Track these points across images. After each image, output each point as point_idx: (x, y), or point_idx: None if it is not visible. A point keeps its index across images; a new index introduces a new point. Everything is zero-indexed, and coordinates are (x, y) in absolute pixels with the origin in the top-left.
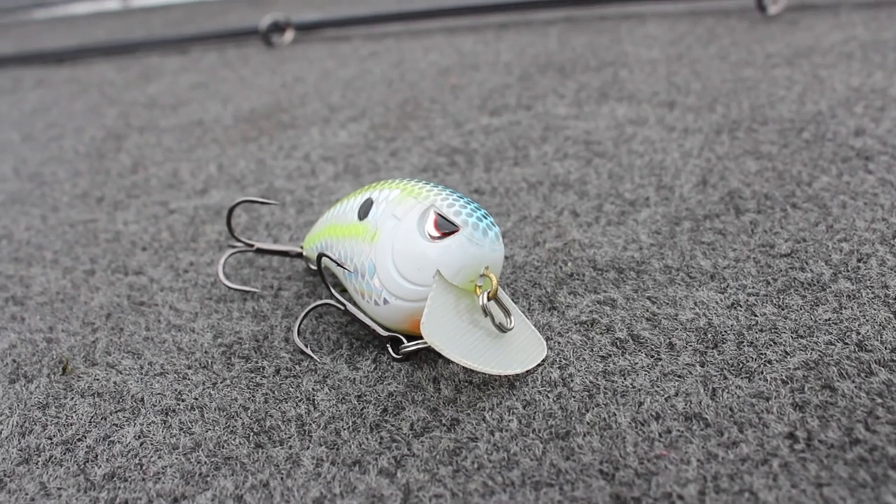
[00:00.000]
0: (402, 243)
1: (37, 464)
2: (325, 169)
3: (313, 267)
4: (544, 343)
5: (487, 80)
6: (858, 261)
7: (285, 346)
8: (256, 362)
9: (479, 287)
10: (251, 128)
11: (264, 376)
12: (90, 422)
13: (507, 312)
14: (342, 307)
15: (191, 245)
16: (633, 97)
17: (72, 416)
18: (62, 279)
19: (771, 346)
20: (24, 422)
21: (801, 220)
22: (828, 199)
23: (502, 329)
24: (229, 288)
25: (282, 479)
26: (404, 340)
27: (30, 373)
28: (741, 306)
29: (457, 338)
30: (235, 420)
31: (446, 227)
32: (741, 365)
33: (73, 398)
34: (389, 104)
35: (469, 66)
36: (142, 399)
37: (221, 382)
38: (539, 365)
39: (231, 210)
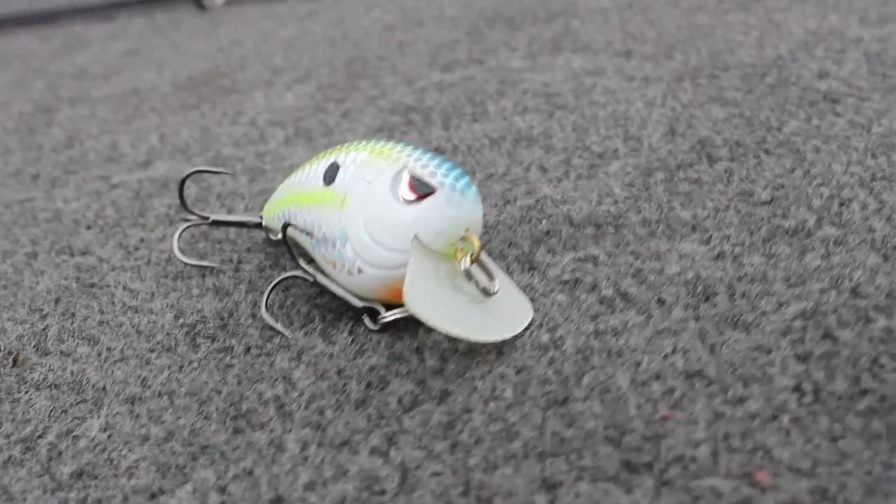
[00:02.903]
0: (375, 208)
1: None
2: (275, 134)
3: (274, 237)
4: (530, 305)
5: (434, 35)
6: (840, 205)
7: (253, 322)
8: (224, 342)
9: (461, 250)
10: (191, 95)
11: (234, 356)
12: (49, 416)
13: (490, 275)
14: (311, 278)
15: (139, 221)
16: (588, 48)
17: (28, 412)
18: (2, 264)
19: (764, 296)
20: None
21: (777, 167)
22: (800, 143)
23: (487, 293)
24: (186, 264)
25: (266, 465)
26: (382, 310)
27: None
28: (728, 257)
29: (440, 305)
30: (208, 405)
31: (422, 189)
32: (736, 318)
33: (27, 392)
34: (335, 64)
35: (413, 21)
36: (103, 388)
37: (188, 365)
38: (526, 328)
39: (183, 182)
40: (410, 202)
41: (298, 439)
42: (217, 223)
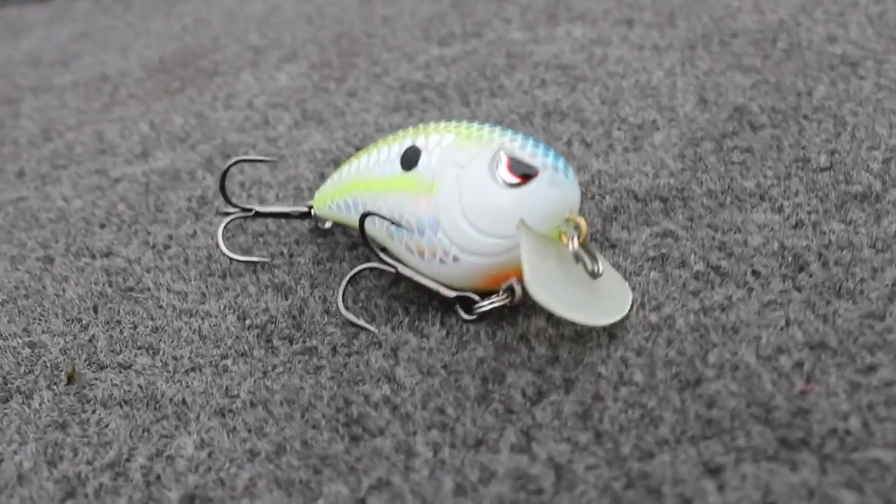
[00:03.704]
0: (474, 193)
1: (87, 497)
2: (280, 117)
3: (324, 226)
4: (627, 285)
5: (417, 8)
6: None
7: (329, 319)
8: (304, 342)
9: (564, 233)
10: (171, 78)
11: (321, 357)
12: (131, 436)
13: (593, 257)
14: (393, 269)
15: (158, 216)
16: (585, 16)
17: (105, 433)
18: (14, 271)
19: (857, 263)
20: (46, 448)
21: (821, 132)
22: (835, 108)
23: (594, 275)
24: (234, 260)
25: (402, 473)
26: (477, 299)
27: (23, 387)
28: (806, 225)
29: (559, 291)
30: (312, 412)
31: (523, 171)
32: (837, 286)
33: (95, 411)
34: (321, 41)
35: None
36: (183, 401)
37: (273, 371)
38: (630, 309)
39: (224, 173)
40: (513, 185)
41: (427, 442)
42: (261, 215)
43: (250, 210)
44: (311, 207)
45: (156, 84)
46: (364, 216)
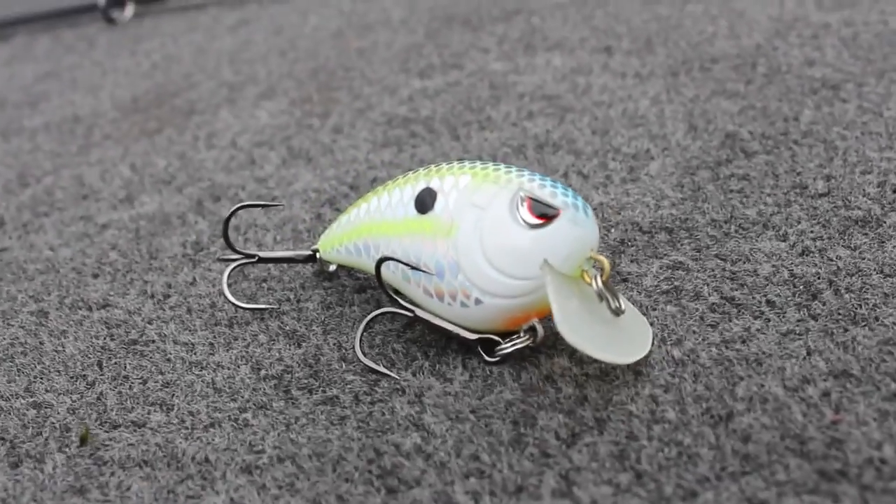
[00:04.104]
0: (495, 235)
1: None
2: (267, 156)
3: (329, 270)
4: (646, 321)
5: (393, 40)
6: (893, 191)
7: (347, 367)
8: (324, 392)
9: (585, 272)
10: (146, 118)
11: (344, 407)
12: (156, 499)
13: (614, 295)
14: (410, 314)
15: (153, 264)
16: (562, 45)
17: (128, 497)
18: (7, 326)
19: (868, 289)
20: None
21: (814, 157)
22: (823, 132)
23: (618, 313)
24: (240, 308)
25: None
26: (499, 341)
27: (33, 451)
28: (813, 252)
29: (587, 331)
30: (343, 465)
31: (544, 211)
32: (852, 313)
33: (114, 474)
34: (298, 76)
35: (361, 27)
36: (206, 459)
37: (296, 422)
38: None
39: (227, 220)
40: (535, 226)
41: (466, 491)
42: (265, 260)
43: (254, 256)
44: (315, 251)
45: (132, 124)
46: (381, 260)
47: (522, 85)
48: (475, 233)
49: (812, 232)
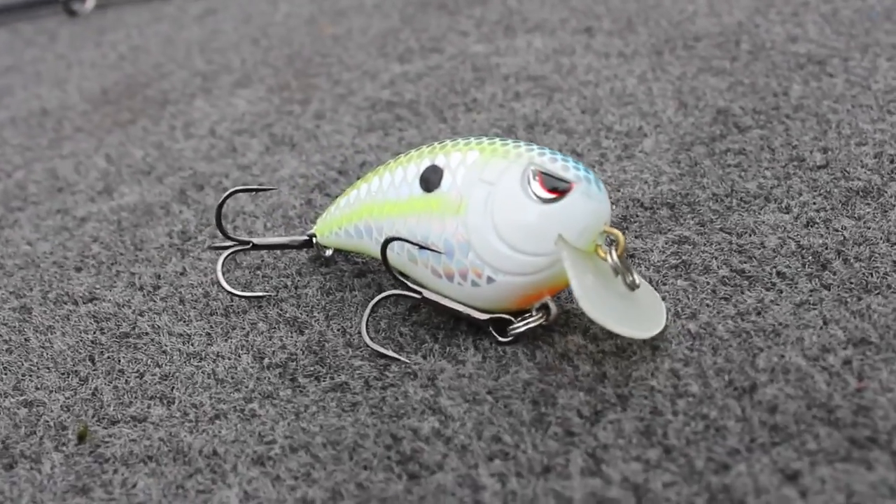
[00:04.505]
0: (507, 211)
1: None
2: (249, 143)
3: (325, 255)
4: (659, 295)
5: (368, 25)
6: (891, 161)
7: (353, 352)
8: (332, 378)
9: (599, 246)
10: (118, 109)
11: (354, 393)
12: (165, 495)
13: (628, 269)
14: (418, 295)
15: (139, 255)
16: (542, 27)
17: (134, 494)
18: None
19: (876, 257)
20: None
21: (808, 131)
22: (815, 106)
23: (633, 287)
24: (237, 296)
25: None
26: (512, 320)
27: (28, 451)
28: (818, 223)
29: (606, 305)
30: (361, 452)
31: (557, 185)
32: (864, 282)
33: (117, 471)
34: (273, 63)
35: (334, 13)
36: (214, 452)
37: (305, 411)
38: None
39: (220, 206)
40: (548, 200)
41: (492, 473)
42: (259, 247)
43: (248, 243)
44: (311, 236)
45: (103, 116)
46: (387, 241)
47: (506, 66)
48: (486, 209)
49: (815, 203)
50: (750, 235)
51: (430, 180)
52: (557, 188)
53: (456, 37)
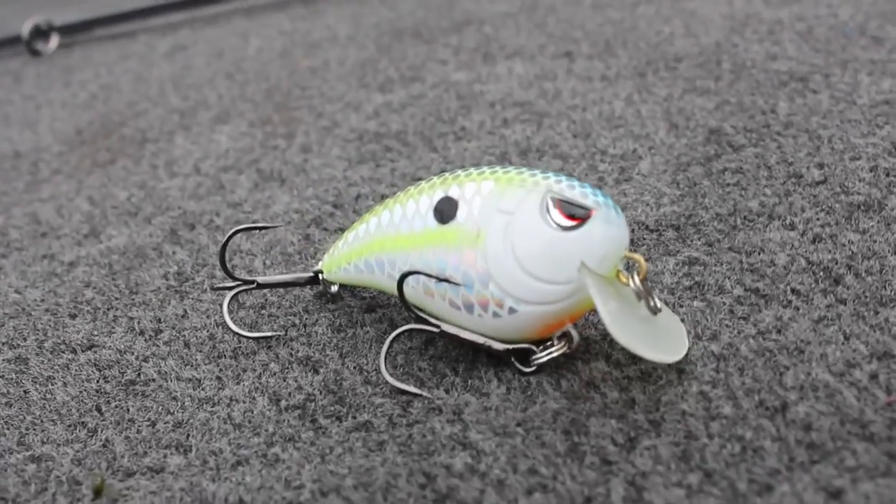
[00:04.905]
0: (527, 239)
1: None
2: (236, 180)
3: (331, 291)
4: (677, 317)
5: (344, 56)
6: (887, 175)
7: (373, 389)
8: (354, 417)
9: (620, 272)
10: (95, 150)
11: (379, 431)
12: None
13: (650, 293)
14: (436, 329)
15: (136, 299)
16: (521, 53)
17: None
18: None
19: (887, 270)
20: None
21: (802, 147)
22: (804, 123)
23: (656, 311)
24: (244, 337)
25: None
26: (535, 350)
27: None
28: (824, 239)
29: (634, 331)
30: (395, 492)
31: (576, 213)
32: (878, 295)
33: None
34: (251, 98)
35: (307, 45)
36: (240, 501)
37: (331, 452)
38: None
39: (224, 246)
40: (568, 228)
41: None
42: (265, 286)
43: (252, 282)
44: (317, 273)
45: (81, 157)
46: (404, 276)
47: (490, 94)
48: (505, 239)
49: (818, 219)
50: (759, 254)
51: (445, 212)
52: (577, 215)
53: (435, 65)
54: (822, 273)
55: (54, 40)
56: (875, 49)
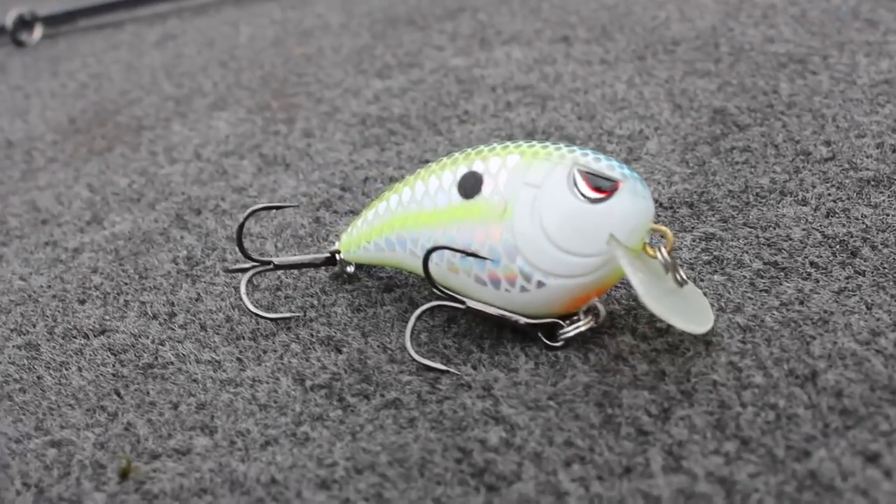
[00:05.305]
0: (556, 212)
1: None
2: (239, 165)
3: (348, 272)
4: (700, 290)
5: (339, 44)
6: (894, 151)
7: (400, 367)
8: (382, 395)
9: (647, 244)
10: (91, 138)
11: (409, 408)
12: None
13: (675, 266)
14: (462, 305)
15: (145, 283)
16: (518, 38)
17: None
18: None
19: None
20: None
21: (807, 126)
22: (807, 102)
23: (682, 283)
24: (263, 318)
25: None
26: (563, 324)
27: (66, 494)
28: (837, 213)
29: (666, 302)
30: (431, 468)
31: (604, 185)
32: (895, 267)
33: None
34: (248, 85)
35: (300, 33)
36: (273, 480)
37: (361, 430)
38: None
39: (241, 225)
40: (596, 200)
41: (573, 478)
42: (281, 267)
43: (269, 263)
44: (334, 253)
45: (76, 145)
46: (430, 251)
47: (491, 78)
48: (533, 213)
49: (830, 194)
50: (774, 229)
51: (470, 187)
52: (604, 188)
53: (432, 51)
54: (838, 246)
55: (38, 31)
56: (870, 31)
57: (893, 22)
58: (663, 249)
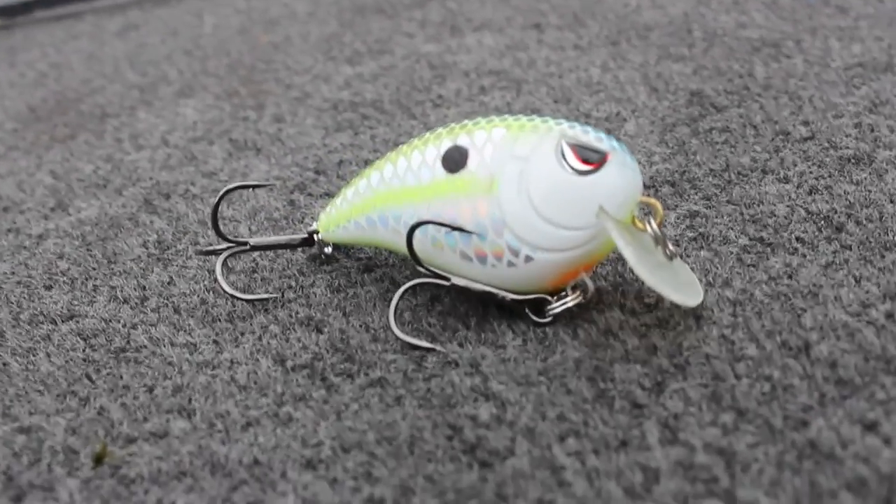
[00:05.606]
0: (544, 185)
1: None
2: (209, 150)
3: (326, 253)
4: (687, 265)
5: (306, 31)
6: (872, 130)
7: (383, 346)
8: (367, 374)
9: (635, 217)
10: (52, 126)
11: (395, 387)
12: None
13: (664, 239)
14: (446, 282)
15: (114, 268)
16: (489, 25)
17: None
18: None
19: (887, 217)
20: None
21: (784, 107)
22: (782, 85)
23: (672, 256)
24: (240, 300)
25: (561, 489)
26: (551, 300)
27: (37, 480)
28: (820, 191)
29: (658, 274)
30: (421, 444)
31: (592, 157)
32: (882, 241)
33: (148, 491)
34: (214, 72)
35: (266, 21)
36: (255, 461)
37: (346, 409)
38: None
39: (216, 206)
40: (584, 172)
41: (568, 453)
42: (258, 248)
43: (245, 243)
44: (312, 233)
45: (37, 133)
46: (414, 227)
47: (463, 63)
48: (521, 186)
49: (811, 172)
50: (758, 206)
51: (455, 161)
52: (592, 160)
53: (402, 38)
54: (822, 222)
55: None
56: (841, 17)
57: (863, 7)
58: (653, 222)
